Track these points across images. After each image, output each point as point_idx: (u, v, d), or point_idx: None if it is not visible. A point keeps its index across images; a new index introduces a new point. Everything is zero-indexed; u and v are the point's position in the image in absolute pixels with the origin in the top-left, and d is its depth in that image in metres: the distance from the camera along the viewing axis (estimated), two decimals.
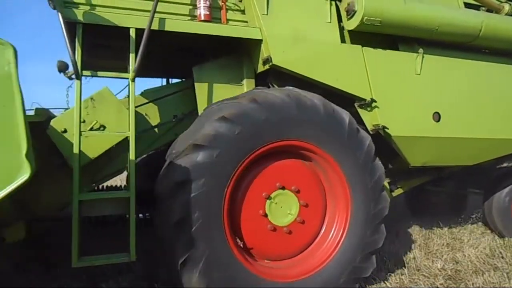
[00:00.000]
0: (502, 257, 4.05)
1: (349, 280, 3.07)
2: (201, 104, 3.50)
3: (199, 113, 3.36)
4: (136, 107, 3.16)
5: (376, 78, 3.62)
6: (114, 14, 2.93)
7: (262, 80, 3.63)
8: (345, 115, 3.09)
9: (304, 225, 3.06)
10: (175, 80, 4.75)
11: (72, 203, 2.67)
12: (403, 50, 3.87)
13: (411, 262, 3.96)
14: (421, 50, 3.83)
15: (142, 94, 3.90)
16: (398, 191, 4.49)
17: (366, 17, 3.45)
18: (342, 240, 3.08)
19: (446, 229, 5.29)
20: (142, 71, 3.28)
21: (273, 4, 3.34)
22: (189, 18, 3.24)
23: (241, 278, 2.73)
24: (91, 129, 3.13)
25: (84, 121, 3.08)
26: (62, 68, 3.65)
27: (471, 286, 3.31)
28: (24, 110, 1.81)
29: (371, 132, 3.56)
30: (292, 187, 3.02)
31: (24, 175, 1.77)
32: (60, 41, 3.08)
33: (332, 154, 3.04)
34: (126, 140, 2.96)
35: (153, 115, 3.80)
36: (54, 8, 2.70)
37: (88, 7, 2.91)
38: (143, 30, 2.88)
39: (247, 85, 3.61)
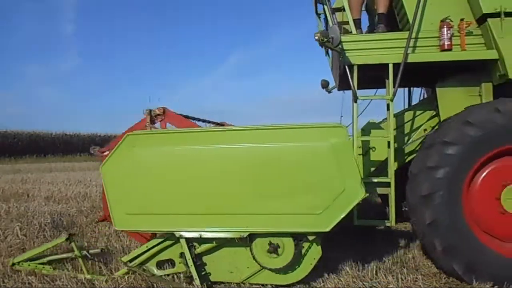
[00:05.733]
0: None
1: None
2: (444, 112, 4.18)
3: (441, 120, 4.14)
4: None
5: None
6: (376, 55, 3.90)
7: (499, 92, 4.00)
8: None
9: None
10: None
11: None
12: None
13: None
14: None
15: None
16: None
17: None
18: None
19: None
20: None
21: (507, 29, 3.69)
22: (434, 48, 3.88)
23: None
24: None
25: None
26: (325, 85, 5.24)
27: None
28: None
29: None
30: None
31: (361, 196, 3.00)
32: None
33: None
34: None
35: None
36: (334, 49, 3.63)
37: (359, 52, 3.88)
38: (398, 63, 3.76)
39: (485, 96, 4.04)
